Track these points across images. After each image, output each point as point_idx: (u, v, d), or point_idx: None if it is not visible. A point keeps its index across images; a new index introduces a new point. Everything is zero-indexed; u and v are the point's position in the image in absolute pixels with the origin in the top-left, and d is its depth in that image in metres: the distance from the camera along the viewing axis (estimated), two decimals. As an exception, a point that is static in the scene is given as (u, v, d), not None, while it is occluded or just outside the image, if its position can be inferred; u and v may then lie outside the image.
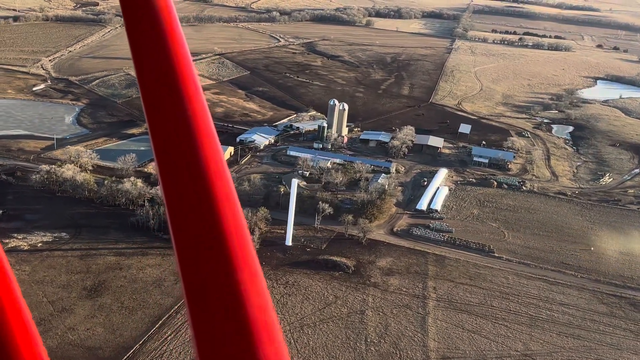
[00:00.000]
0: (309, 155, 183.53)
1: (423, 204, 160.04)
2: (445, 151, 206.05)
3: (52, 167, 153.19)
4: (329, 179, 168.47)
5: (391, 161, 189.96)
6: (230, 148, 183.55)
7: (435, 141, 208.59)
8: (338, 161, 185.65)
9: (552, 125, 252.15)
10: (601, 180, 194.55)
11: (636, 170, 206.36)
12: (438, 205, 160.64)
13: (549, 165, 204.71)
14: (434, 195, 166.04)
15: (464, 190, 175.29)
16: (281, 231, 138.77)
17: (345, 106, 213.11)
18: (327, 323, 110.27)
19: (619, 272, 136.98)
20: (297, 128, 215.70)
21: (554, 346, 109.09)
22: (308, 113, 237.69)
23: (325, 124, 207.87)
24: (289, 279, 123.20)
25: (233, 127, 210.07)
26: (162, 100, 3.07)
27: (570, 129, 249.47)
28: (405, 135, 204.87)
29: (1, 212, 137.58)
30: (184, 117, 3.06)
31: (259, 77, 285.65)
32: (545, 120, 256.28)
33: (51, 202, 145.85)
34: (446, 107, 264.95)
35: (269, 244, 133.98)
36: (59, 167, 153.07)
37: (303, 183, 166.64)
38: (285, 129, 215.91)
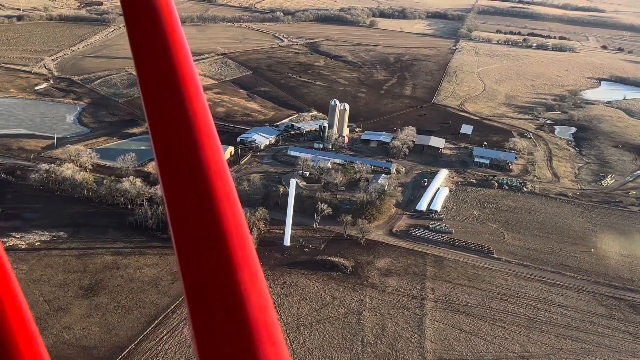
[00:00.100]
0: (310, 156, 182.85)
1: (423, 205, 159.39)
2: (447, 152, 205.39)
3: (51, 166, 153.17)
4: (329, 179, 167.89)
5: (392, 162, 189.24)
6: (231, 148, 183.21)
7: (437, 142, 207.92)
8: (338, 161, 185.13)
9: (555, 126, 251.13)
10: (603, 181, 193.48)
11: (638, 171, 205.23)
12: (438, 206, 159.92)
13: (550, 166, 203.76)
14: (434, 196, 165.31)
15: (465, 191, 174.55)
16: (280, 231, 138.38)
17: (347, 106, 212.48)
18: (323, 324, 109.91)
19: (619, 273, 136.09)
20: (298, 128, 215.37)
21: (552, 348, 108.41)
22: (309, 113, 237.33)
23: (326, 124, 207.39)
24: (286, 279, 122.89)
25: (234, 126, 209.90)
26: (162, 100, 3.09)
27: (572, 130, 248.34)
28: (406, 136, 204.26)
29: (0, 211, 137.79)
30: (184, 117, 3.08)
31: (261, 77, 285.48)
32: (548, 121, 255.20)
33: (50, 201, 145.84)
34: (448, 107, 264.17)
35: (267, 244, 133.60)
36: (58, 166, 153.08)
37: (303, 183, 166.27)
38: (286, 129, 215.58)
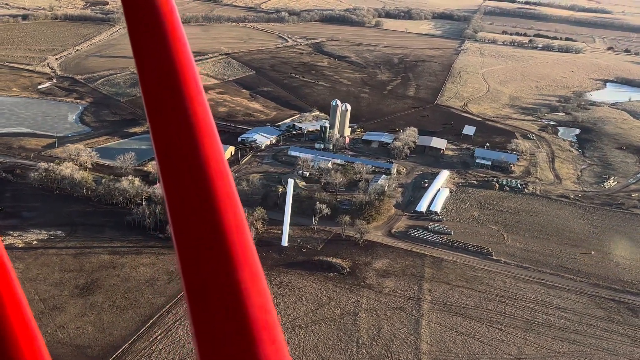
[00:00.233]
0: (310, 156, 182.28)
1: (423, 206, 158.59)
2: (448, 153, 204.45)
3: (50, 165, 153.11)
4: (329, 180, 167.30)
5: (392, 162, 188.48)
6: (231, 147, 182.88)
7: (438, 142, 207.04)
8: (339, 162, 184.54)
9: (558, 127, 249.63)
10: (605, 183, 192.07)
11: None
12: (438, 207, 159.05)
13: (553, 168, 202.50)
14: (434, 196, 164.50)
15: (465, 192, 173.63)
16: (278, 231, 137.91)
17: (348, 107, 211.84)
18: (319, 324, 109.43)
19: (619, 276, 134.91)
20: (300, 128, 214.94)
21: (549, 350, 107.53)
22: (312, 113, 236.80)
23: (328, 125, 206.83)
24: (283, 279, 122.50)
25: (235, 126, 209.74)
26: (163, 100, 3.08)
27: (576, 131, 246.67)
28: (408, 137, 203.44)
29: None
30: (185, 117, 3.06)
31: (264, 77, 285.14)
32: (551, 123, 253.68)
33: (49, 200, 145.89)
34: (452, 108, 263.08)
35: (265, 244, 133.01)
36: (58, 165, 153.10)
37: (302, 183, 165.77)
38: (287, 129, 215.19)
